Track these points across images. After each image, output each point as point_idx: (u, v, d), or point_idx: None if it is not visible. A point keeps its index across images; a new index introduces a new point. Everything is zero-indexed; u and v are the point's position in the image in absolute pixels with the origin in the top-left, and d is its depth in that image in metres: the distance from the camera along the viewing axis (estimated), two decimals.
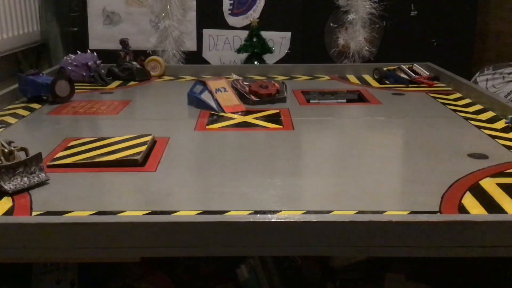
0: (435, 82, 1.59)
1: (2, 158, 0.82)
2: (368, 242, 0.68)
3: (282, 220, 0.68)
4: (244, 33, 1.88)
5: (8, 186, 0.79)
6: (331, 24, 1.97)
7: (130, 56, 1.69)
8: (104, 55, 1.72)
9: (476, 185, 0.81)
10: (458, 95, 1.43)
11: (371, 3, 1.92)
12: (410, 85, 1.56)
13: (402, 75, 1.62)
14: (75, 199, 0.78)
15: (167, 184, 0.85)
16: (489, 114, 1.23)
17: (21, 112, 1.29)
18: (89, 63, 1.61)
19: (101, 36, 1.97)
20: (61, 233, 0.67)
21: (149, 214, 0.73)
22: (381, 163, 0.94)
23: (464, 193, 0.78)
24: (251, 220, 0.69)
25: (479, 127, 1.13)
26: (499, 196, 0.77)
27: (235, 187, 0.83)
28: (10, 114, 1.26)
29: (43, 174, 0.83)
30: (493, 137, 1.06)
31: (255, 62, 1.86)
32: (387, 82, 1.60)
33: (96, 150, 0.97)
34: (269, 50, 1.87)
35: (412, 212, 0.72)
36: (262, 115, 1.24)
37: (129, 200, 0.79)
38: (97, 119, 1.25)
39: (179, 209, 0.74)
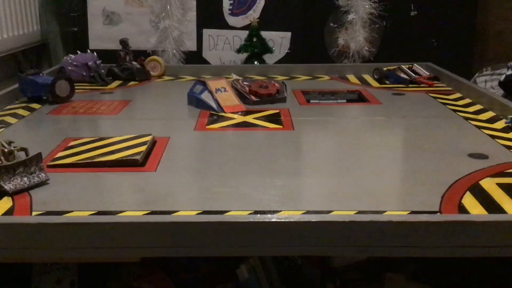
0: (435, 82, 1.59)
1: (2, 158, 0.82)
2: (368, 242, 0.68)
3: (282, 220, 0.68)
4: (244, 33, 1.88)
5: (8, 186, 0.79)
6: (331, 24, 1.97)
7: (130, 56, 1.69)
8: (104, 55, 1.72)
9: (476, 185, 0.81)
10: (458, 95, 1.43)
11: (371, 3, 1.92)
12: (410, 85, 1.56)
13: (402, 75, 1.62)
14: (75, 199, 0.78)
15: (167, 184, 0.85)
16: (489, 114, 1.23)
17: (21, 112, 1.29)
18: (89, 63, 1.61)
19: (101, 36, 1.97)
20: (61, 233, 0.67)
21: (149, 214, 0.73)
22: (381, 163, 0.94)
23: (464, 193, 0.78)
24: (251, 220, 0.69)
25: (479, 127, 1.13)
26: (499, 196, 0.77)
27: (235, 187, 0.83)
28: (10, 114, 1.26)
29: (43, 174, 0.83)
30: (493, 137, 1.06)
31: (255, 62, 1.86)
32: (387, 82, 1.60)
33: (96, 150, 0.97)
34: (269, 50, 1.87)
35: (412, 212, 0.72)
36: (262, 115, 1.24)
37: (129, 200, 0.79)
38: (97, 119, 1.25)
39: (179, 209, 0.74)
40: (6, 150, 0.83)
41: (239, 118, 1.22)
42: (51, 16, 2.03)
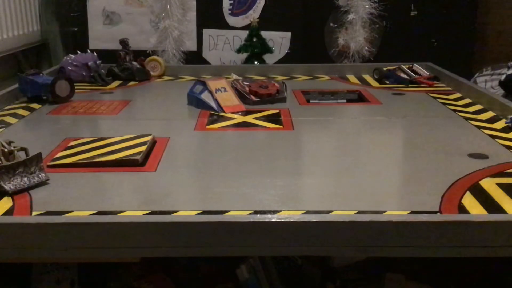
0: (435, 82, 1.59)
1: (2, 158, 0.82)
2: (368, 242, 0.68)
3: (282, 220, 0.68)
4: (244, 33, 1.88)
5: (8, 186, 0.79)
6: (331, 24, 1.97)
7: (130, 56, 1.69)
8: (104, 55, 1.72)
9: (476, 185, 0.81)
10: (458, 95, 1.43)
11: (371, 3, 1.92)
12: (410, 85, 1.56)
13: (402, 75, 1.62)
14: (75, 199, 0.78)
15: (167, 184, 0.85)
16: (489, 114, 1.23)
17: (21, 112, 1.29)
18: (89, 63, 1.61)
19: (101, 36, 1.97)
20: (61, 233, 0.68)
21: (149, 214, 0.73)
22: (381, 163, 0.94)
23: (464, 193, 0.78)
24: (251, 220, 0.69)
25: (479, 127, 1.13)
26: (499, 196, 0.77)
27: (235, 187, 0.83)
28: (10, 114, 1.26)
29: (43, 174, 0.83)
30: (493, 137, 1.06)
31: (255, 62, 1.86)
32: (387, 82, 1.60)
33: (96, 150, 0.97)
34: (269, 50, 1.87)
35: (412, 212, 0.72)
36: (262, 115, 1.24)
37: (129, 200, 0.79)
38: (97, 119, 1.25)
39: (179, 209, 0.74)
40: (6, 150, 0.83)
41: (239, 118, 1.22)
42: (51, 16, 2.03)
